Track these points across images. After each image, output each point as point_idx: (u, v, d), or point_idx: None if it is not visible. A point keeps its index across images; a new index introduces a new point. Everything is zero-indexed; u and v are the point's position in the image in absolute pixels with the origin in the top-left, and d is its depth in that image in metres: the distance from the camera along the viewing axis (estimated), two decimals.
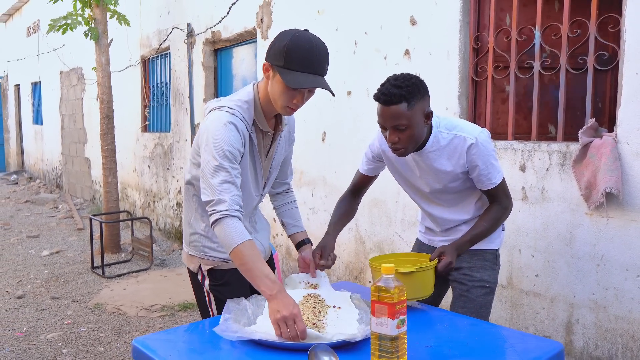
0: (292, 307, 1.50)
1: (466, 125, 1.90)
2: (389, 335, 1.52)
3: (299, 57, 1.62)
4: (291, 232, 2.06)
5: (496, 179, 1.90)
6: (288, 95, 1.68)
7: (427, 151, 1.89)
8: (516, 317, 2.88)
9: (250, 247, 1.60)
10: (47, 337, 3.79)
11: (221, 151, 1.64)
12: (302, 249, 2.02)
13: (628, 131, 2.38)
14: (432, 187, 1.97)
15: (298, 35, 1.65)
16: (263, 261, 1.61)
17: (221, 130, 1.66)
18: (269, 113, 1.80)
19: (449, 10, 3.09)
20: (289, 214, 2.09)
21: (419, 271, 1.80)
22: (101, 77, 5.71)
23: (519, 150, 2.80)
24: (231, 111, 1.70)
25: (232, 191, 1.63)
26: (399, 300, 1.53)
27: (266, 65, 1.70)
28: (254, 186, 1.87)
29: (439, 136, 1.87)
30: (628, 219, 2.40)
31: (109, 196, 5.94)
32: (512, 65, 2.88)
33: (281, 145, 1.93)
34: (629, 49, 2.36)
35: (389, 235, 3.56)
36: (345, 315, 1.69)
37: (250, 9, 4.76)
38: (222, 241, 1.63)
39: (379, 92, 1.79)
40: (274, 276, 1.58)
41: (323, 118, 4.07)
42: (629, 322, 2.43)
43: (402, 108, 1.76)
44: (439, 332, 1.74)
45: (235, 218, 1.61)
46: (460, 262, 2.00)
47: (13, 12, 13.11)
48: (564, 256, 2.64)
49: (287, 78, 1.63)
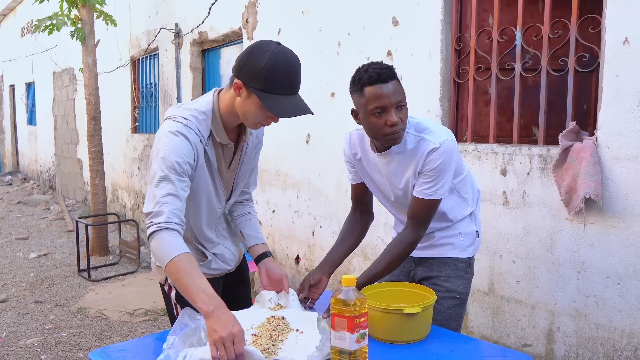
0: (231, 326, 1.39)
1: (435, 129, 1.79)
2: (348, 350, 1.47)
3: (279, 80, 1.54)
4: (251, 244, 1.95)
5: (434, 193, 1.75)
6: (263, 116, 1.60)
7: (393, 152, 1.80)
8: (497, 324, 2.82)
9: (186, 260, 1.50)
10: (26, 342, 3.74)
11: (169, 162, 1.56)
12: (263, 263, 1.91)
13: (608, 135, 2.32)
14: (395, 194, 1.89)
15: (276, 54, 1.54)
16: (201, 275, 1.51)
17: (172, 141, 1.58)
18: (230, 125, 1.71)
19: (431, 11, 3.03)
20: (248, 225, 1.97)
21: (424, 310, 1.63)
22: (88, 78, 5.65)
23: (499, 153, 2.74)
24: (185, 122, 1.62)
25: (173, 204, 1.54)
26: (359, 314, 1.48)
27: (239, 84, 1.58)
28: (215, 199, 1.79)
29: (406, 137, 1.78)
30: (608, 225, 2.34)
31: (96, 198, 5.89)
32: (493, 66, 2.81)
33: (248, 155, 1.85)
34: (609, 50, 2.30)
35: (372, 240, 3.50)
36: (305, 341, 1.59)
37: (236, 9, 4.70)
38: (157, 255, 1.53)
39: (372, 73, 1.67)
40: (212, 291, 1.48)
41: (307, 120, 4.00)
42: (609, 330, 2.37)
43: (398, 84, 1.70)
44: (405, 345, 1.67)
45: (173, 231, 1.52)
46: (429, 271, 1.93)
47: (7, 12, 13.07)
48: (544, 262, 2.58)
49: (269, 104, 1.54)
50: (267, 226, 4.59)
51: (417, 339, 1.67)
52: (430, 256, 1.93)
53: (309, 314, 1.76)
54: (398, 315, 1.62)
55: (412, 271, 2.01)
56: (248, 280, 2.11)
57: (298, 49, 4.12)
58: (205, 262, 1.85)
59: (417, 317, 1.64)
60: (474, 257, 2.02)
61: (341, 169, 3.76)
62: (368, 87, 1.68)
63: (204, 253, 1.85)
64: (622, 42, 2.26)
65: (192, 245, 1.83)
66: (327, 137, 3.85)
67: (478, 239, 2.03)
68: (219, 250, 1.88)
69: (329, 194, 3.88)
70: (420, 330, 1.68)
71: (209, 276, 1.87)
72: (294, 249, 4.29)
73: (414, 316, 1.62)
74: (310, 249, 4.12)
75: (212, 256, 1.86)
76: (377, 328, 1.66)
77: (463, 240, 1.93)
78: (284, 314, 1.75)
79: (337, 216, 3.82)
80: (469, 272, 1.96)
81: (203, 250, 1.85)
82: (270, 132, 4.52)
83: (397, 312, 1.62)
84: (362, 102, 1.71)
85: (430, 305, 1.67)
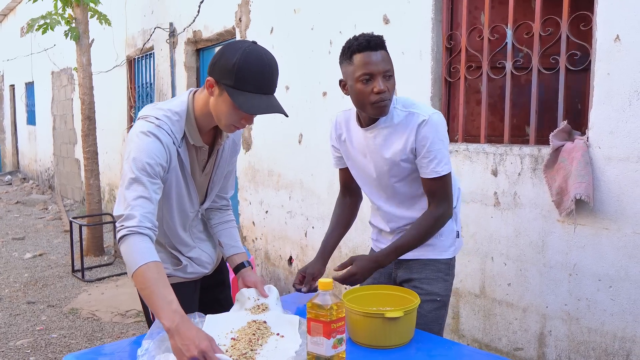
0: (197, 342, 1.32)
1: (423, 105, 1.81)
2: (324, 356, 1.43)
3: (250, 77, 1.50)
4: (230, 254, 1.90)
5: (441, 168, 1.74)
6: (236, 116, 1.56)
7: (379, 126, 1.79)
8: (489, 327, 2.77)
9: (154, 269, 1.44)
10: (16, 343, 3.71)
11: (140, 163, 1.51)
12: (241, 274, 1.86)
13: (599, 134, 2.27)
14: (379, 170, 1.84)
15: (248, 51, 1.51)
16: (167, 286, 1.44)
17: (143, 142, 1.53)
18: (205, 127, 1.66)
19: (422, 9, 2.98)
20: (227, 233, 1.92)
21: (407, 314, 1.59)
22: (82, 77, 5.62)
23: (490, 153, 2.69)
24: (157, 122, 1.57)
25: (145, 207, 1.49)
26: (336, 318, 1.43)
27: (211, 82, 1.55)
28: (188, 203, 1.74)
29: (393, 112, 1.78)
30: (600, 226, 2.29)
31: (91, 198, 5.86)
32: (484, 65, 2.77)
33: (224, 158, 1.80)
34: (600, 48, 2.25)
35: (364, 241, 3.45)
36: (284, 345, 1.56)
37: (230, 8, 4.66)
38: (125, 261, 1.47)
39: (361, 40, 1.69)
40: (177, 305, 1.40)
41: (299, 119, 3.97)
42: (601, 334, 2.32)
43: (386, 53, 1.72)
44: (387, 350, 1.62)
45: (144, 236, 1.47)
46: (409, 273, 1.88)
47: (7, 12, 13.07)
48: (536, 265, 2.53)
49: (239, 101, 1.50)
50: (261, 227, 4.55)
51: (400, 344, 1.62)
52: (411, 257, 1.88)
53: (290, 317, 1.71)
54: (379, 319, 1.58)
55: (393, 273, 1.96)
56: (228, 282, 2.06)
57: (290, 48, 4.13)
58: (180, 266, 1.81)
59: (400, 322, 1.59)
60: (455, 258, 1.96)
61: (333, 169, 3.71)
62: (357, 54, 1.69)
63: (178, 258, 1.80)
64: (613, 39, 2.21)
65: (165, 250, 1.79)
66: (319, 137, 3.81)
67: (459, 239, 1.97)
68: (194, 254, 1.83)
69: (321, 195, 3.84)
70: (403, 334, 1.63)
71: (185, 280, 1.83)
72: (287, 250, 4.25)
73: (396, 320, 1.58)
74: (302, 250, 4.08)
75: (187, 260, 1.81)
76: (359, 332, 1.62)
77: (443, 241, 1.88)
78: (265, 318, 1.71)
79: (330, 217, 3.77)
80: (449, 273, 1.91)
81: (177, 254, 1.80)
82: (264, 132, 4.49)
83: (378, 317, 1.58)
84: (350, 69, 1.72)
85: (413, 309, 1.62)
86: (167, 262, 1.79)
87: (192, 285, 1.86)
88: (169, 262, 1.80)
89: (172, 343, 1.36)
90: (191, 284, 1.85)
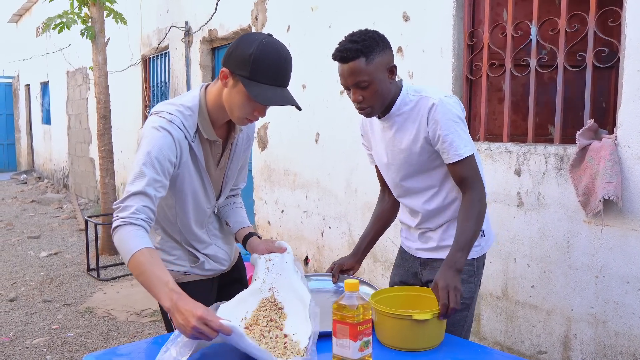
0: (194, 311, 1.31)
1: (434, 89, 1.77)
2: (350, 359, 1.39)
3: (266, 68, 1.48)
4: (236, 229, 1.86)
5: (461, 150, 1.67)
6: (249, 108, 1.54)
7: (394, 114, 1.76)
8: (511, 330, 2.71)
9: (148, 254, 1.41)
10: (32, 342, 3.71)
11: (149, 158, 1.50)
12: (249, 243, 1.81)
13: (629, 133, 2.21)
14: (397, 161, 1.81)
15: (265, 43, 1.50)
16: (163, 268, 1.42)
17: (154, 137, 1.52)
18: (218, 120, 1.65)
19: (443, 5, 2.93)
20: (233, 212, 1.88)
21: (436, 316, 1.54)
22: (98, 76, 5.63)
23: (514, 153, 2.64)
24: (169, 117, 1.55)
25: (142, 201, 1.47)
26: (363, 320, 1.40)
27: (225, 72, 1.54)
28: (204, 198, 1.72)
29: (406, 99, 1.75)
30: (628, 227, 2.22)
31: (106, 197, 5.87)
32: (507, 62, 2.71)
33: (238, 152, 1.78)
34: (630, 44, 2.19)
35: (382, 241, 3.40)
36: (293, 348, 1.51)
37: (246, 6, 4.64)
38: (119, 250, 1.45)
39: (336, 50, 1.66)
40: (174, 284, 1.39)
41: (316, 118, 3.94)
42: (629, 338, 2.26)
43: (360, 64, 1.63)
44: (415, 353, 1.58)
45: (137, 226, 1.44)
46: (434, 274, 1.83)
47: (23, 13, 13.19)
48: (561, 266, 2.48)
49: (254, 92, 1.48)
50: (277, 226, 4.52)
51: (429, 347, 1.58)
52: (436, 257, 1.83)
53: (302, 294, 1.63)
54: (408, 321, 1.54)
55: (419, 273, 1.92)
56: (245, 280, 2.03)
57: (307, 46, 4.09)
58: (197, 263, 1.78)
59: (428, 324, 1.55)
60: (483, 258, 1.89)
61: (350, 168, 3.68)
62: (334, 59, 1.69)
63: (195, 255, 1.78)
64: None
65: (182, 247, 1.77)
66: (336, 136, 3.77)
67: (484, 237, 1.87)
68: (211, 251, 1.81)
69: (338, 194, 3.80)
70: (432, 337, 1.59)
71: (203, 277, 1.80)
72: (303, 250, 4.22)
73: (424, 323, 1.54)
74: (319, 250, 4.04)
75: (204, 257, 1.79)
76: (387, 334, 1.58)
77: None
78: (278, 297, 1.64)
79: (347, 217, 3.73)
80: (474, 274, 1.84)
81: (194, 252, 1.78)
82: (280, 131, 4.46)
83: (406, 318, 1.54)
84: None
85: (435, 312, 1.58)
86: (185, 259, 1.77)
87: (210, 283, 1.83)
88: (186, 259, 1.78)
89: (175, 321, 1.36)
90: (208, 281, 1.82)
